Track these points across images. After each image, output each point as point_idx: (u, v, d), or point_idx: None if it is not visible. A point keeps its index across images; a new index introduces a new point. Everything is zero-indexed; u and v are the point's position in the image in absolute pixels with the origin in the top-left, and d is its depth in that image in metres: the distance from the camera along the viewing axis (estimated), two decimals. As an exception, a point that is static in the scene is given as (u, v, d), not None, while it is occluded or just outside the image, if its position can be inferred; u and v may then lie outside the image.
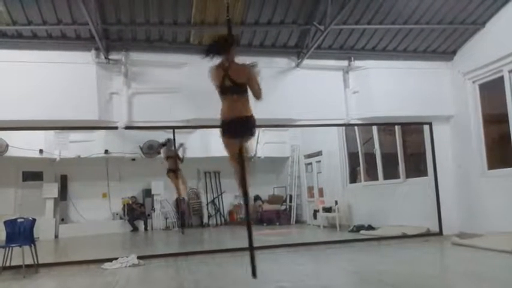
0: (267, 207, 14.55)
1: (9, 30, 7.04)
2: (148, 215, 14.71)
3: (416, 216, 9.19)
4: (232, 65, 4.29)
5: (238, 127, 4.27)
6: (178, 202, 14.30)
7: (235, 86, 4.24)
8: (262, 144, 13.76)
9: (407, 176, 10.09)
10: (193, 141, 13.39)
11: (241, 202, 14.82)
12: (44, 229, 12.26)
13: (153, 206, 14.72)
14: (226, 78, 4.24)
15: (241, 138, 4.35)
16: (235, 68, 4.29)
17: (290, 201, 14.55)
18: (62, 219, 13.81)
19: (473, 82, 8.31)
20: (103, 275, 6.44)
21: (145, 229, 14.46)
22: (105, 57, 7.45)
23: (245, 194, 4.46)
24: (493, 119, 8.21)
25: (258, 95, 4.37)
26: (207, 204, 15.37)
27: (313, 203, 13.49)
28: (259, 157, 13.50)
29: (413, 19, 7.65)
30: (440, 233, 8.60)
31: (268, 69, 8.05)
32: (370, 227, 10.24)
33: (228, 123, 4.29)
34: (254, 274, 4.21)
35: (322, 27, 7.16)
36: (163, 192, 14.55)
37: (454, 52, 8.67)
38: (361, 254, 7.41)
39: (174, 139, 12.23)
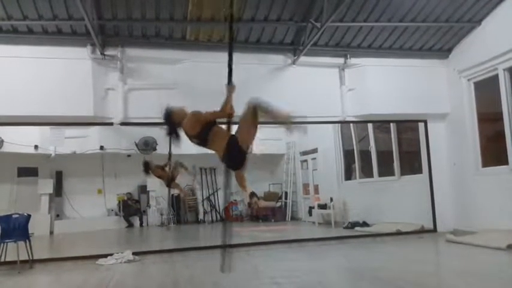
0: (262, 204, 14.56)
1: (5, 25, 7.01)
2: (144, 212, 14.71)
3: (411, 213, 9.24)
4: None
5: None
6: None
7: None
8: (258, 141, 13.79)
9: (402, 173, 10.13)
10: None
11: (237, 199, 14.96)
12: (39, 225, 12.19)
13: (148, 203, 14.71)
14: None
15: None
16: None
17: (285, 198, 14.57)
18: (57, 215, 13.75)
19: (469, 80, 8.34)
20: (98, 270, 6.44)
21: (141, 225, 14.46)
22: (101, 53, 7.44)
23: None
24: (487, 117, 8.24)
25: None
26: (203, 201, 15.37)
27: (308, 200, 13.52)
28: (254, 154, 13.50)
29: (409, 17, 7.67)
30: (435, 230, 8.65)
31: (264, 66, 8.10)
32: (365, 224, 10.29)
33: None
34: None
35: (318, 25, 7.18)
36: (159, 189, 14.51)
37: (449, 50, 8.71)
38: (356, 251, 7.43)
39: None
